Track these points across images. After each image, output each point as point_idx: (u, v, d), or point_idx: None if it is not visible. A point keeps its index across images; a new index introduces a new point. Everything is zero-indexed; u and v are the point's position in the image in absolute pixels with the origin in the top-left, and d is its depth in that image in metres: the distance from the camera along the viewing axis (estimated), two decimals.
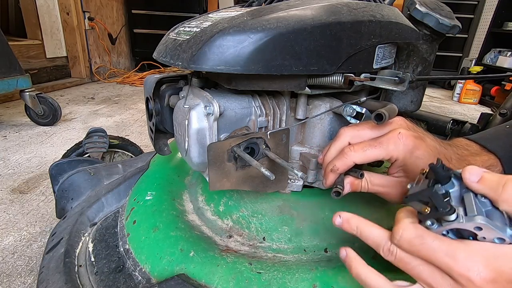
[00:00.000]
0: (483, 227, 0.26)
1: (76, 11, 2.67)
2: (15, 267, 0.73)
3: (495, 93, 2.80)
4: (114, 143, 0.98)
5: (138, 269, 0.47)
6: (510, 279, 0.24)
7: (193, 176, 0.65)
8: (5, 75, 1.53)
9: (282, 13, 0.38)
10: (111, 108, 2.12)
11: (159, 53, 0.45)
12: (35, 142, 1.49)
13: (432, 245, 0.27)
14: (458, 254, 0.26)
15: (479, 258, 0.25)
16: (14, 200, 1.00)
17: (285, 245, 0.48)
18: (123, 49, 3.49)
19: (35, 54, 2.51)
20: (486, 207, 0.27)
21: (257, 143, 0.43)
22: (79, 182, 0.70)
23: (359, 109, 0.44)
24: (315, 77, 0.44)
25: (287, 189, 0.54)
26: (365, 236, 0.33)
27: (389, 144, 0.37)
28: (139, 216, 0.55)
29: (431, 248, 0.27)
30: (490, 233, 0.26)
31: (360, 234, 0.34)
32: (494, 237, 0.26)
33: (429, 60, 0.59)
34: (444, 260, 0.26)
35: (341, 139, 0.41)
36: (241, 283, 0.40)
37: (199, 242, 0.47)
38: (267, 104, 0.47)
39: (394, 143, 0.37)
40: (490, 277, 0.25)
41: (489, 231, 0.26)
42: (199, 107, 0.41)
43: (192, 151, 0.43)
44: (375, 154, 0.37)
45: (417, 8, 0.54)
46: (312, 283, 0.40)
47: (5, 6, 2.88)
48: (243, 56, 0.36)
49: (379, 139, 0.38)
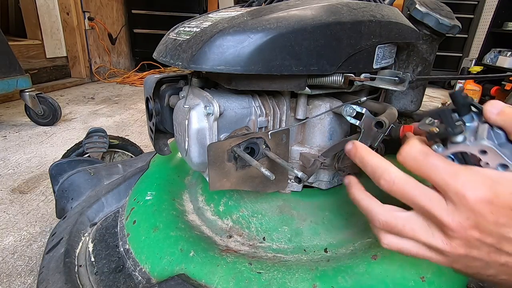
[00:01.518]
0: (488, 151, 0.26)
1: (76, 11, 2.67)
2: (15, 267, 0.73)
3: (495, 93, 2.80)
4: (114, 143, 0.98)
5: (138, 269, 0.47)
6: (507, 204, 0.24)
7: (193, 176, 0.65)
8: (5, 75, 1.53)
9: (282, 13, 0.38)
10: (111, 108, 2.12)
11: (159, 53, 0.45)
12: (35, 142, 1.49)
13: (435, 162, 0.27)
14: (459, 172, 0.26)
15: (478, 179, 0.25)
16: (14, 200, 1.00)
17: (285, 245, 0.48)
18: (123, 49, 3.49)
19: (35, 54, 2.51)
20: (500, 139, 0.27)
21: (257, 143, 0.43)
22: (79, 182, 0.70)
23: (359, 109, 0.44)
24: (315, 77, 0.44)
25: (287, 189, 0.54)
26: (365, 164, 0.32)
27: None
28: (139, 216, 0.55)
29: (434, 165, 0.27)
30: (494, 158, 0.26)
31: (362, 160, 0.32)
32: (498, 164, 0.26)
33: (429, 60, 0.59)
34: (443, 177, 0.26)
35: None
36: (241, 283, 0.40)
37: (199, 242, 0.47)
38: (267, 104, 0.47)
39: None
40: (486, 197, 0.25)
41: (493, 156, 0.26)
42: (199, 107, 0.41)
43: (192, 151, 0.43)
44: None
45: (417, 8, 0.54)
46: (312, 283, 0.40)
47: (5, 6, 2.88)
48: (243, 56, 0.36)
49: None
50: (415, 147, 0.29)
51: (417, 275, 0.40)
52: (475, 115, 0.28)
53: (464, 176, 0.25)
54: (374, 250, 0.44)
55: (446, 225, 0.26)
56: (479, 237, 0.26)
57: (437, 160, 0.27)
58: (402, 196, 0.29)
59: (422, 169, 0.28)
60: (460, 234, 0.26)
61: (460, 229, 0.26)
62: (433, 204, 0.27)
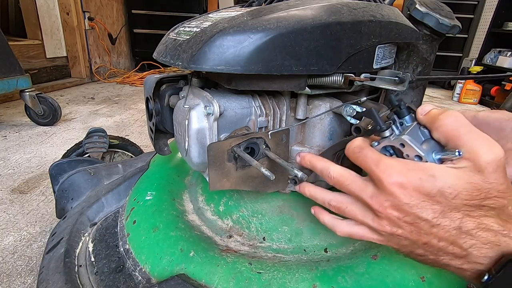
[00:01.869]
0: (405, 144, 0.31)
1: (76, 11, 2.67)
2: (15, 267, 0.73)
3: (495, 93, 2.80)
4: (114, 143, 0.98)
5: (138, 269, 0.47)
6: (417, 187, 0.28)
7: (193, 176, 0.65)
8: (5, 75, 1.53)
9: (282, 13, 0.38)
10: (111, 108, 2.12)
11: (159, 53, 0.45)
12: (35, 142, 1.49)
13: (366, 153, 0.32)
14: (380, 161, 0.31)
15: (395, 166, 0.30)
16: (14, 200, 1.00)
17: (285, 245, 0.48)
18: (123, 49, 3.49)
19: (35, 54, 2.51)
20: (425, 136, 0.32)
21: (257, 143, 0.43)
22: (79, 182, 0.70)
23: (359, 109, 0.44)
24: (315, 77, 0.44)
25: (287, 189, 0.54)
26: (314, 166, 0.38)
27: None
28: (139, 216, 0.55)
29: (365, 155, 0.32)
30: (410, 150, 0.31)
31: (311, 165, 0.39)
32: (414, 155, 0.31)
33: (429, 60, 0.59)
34: (369, 165, 0.31)
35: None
36: (241, 283, 0.40)
37: (199, 242, 0.47)
38: (267, 104, 0.47)
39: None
40: (398, 181, 0.29)
41: (409, 148, 0.31)
42: (199, 107, 0.41)
43: (192, 151, 0.43)
44: None
45: (417, 8, 0.54)
46: (312, 283, 0.40)
47: (5, 6, 2.88)
48: (243, 56, 0.36)
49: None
50: (354, 143, 0.34)
51: (417, 275, 0.40)
52: (415, 116, 0.33)
53: (384, 164, 0.30)
54: (374, 250, 0.44)
55: (371, 205, 0.32)
56: (398, 216, 0.30)
57: (367, 152, 0.32)
58: (340, 187, 0.35)
59: (358, 160, 0.33)
60: (384, 214, 0.31)
61: (381, 209, 0.31)
62: (361, 189, 0.33)
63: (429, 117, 0.31)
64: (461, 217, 0.29)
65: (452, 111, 0.30)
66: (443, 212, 0.29)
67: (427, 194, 0.28)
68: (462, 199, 0.28)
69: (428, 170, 0.29)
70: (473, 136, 0.28)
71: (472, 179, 0.27)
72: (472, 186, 0.27)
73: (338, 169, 0.35)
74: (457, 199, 0.28)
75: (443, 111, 0.31)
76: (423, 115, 0.32)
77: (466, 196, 0.28)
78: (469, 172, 0.28)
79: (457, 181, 0.28)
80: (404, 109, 0.33)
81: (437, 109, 0.32)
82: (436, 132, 0.31)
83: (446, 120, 0.30)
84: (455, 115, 0.30)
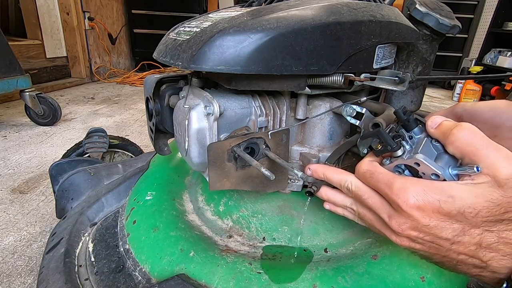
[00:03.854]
0: (420, 164, 0.30)
1: (76, 11, 2.67)
2: (15, 267, 0.73)
3: (495, 93, 2.80)
4: (114, 143, 0.98)
5: (138, 269, 0.47)
6: (436, 209, 0.28)
7: (193, 176, 0.65)
8: (5, 75, 1.53)
9: (282, 13, 0.38)
10: (111, 108, 2.12)
11: (159, 53, 0.45)
12: (35, 142, 1.49)
13: (378, 176, 0.32)
14: (394, 184, 0.30)
15: (409, 188, 0.29)
16: (14, 200, 1.00)
17: (285, 245, 0.48)
18: (123, 49, 3.49)
19: (35, 54, 2.51)
20: (438, 150, 0.31)
21: (257, 143, 0.43)
22: (79, 182, 0.70)
23: (359, 109, 0.44)
24: (315, 77, 0.44)
25: (287, 189, 0.54)
26: (330, 179, 0.38)
27: None
28: (139, 216, 0.55)
29: (377, 179, 0.32)
30: (426, 169, 0.30)
31: (326, 178, 0.38)
32: (430, 173, 0.30)
33: (429, 60, 0.59)
34: (383, 188, 0.31)
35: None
36: (241, 283, 0.40)
37: (199, 242, 0.47)
38: (267, 104, 0.47)
39: None
40: (415, 204, 0.28)
41: (425, 167, 0.30)
42: (199, 107, 0.41)
43: (192, 151, 0.43)
44: None
45: (417, 8, 0.54)
46: (312, 283, 0.40)
47: (5, 6, 2.88)
48: (243, 56, 0.36)
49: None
50: (363, 166, 0.34)
51: (417, 275, 0.40)
52: (423, 127, 0.32)
53: (398, 188, 0.29)
54: (374, 250, 0.44)
55: (389, 225, 0.31)
56: (417, 235, 0.30)
57: (379, 176, 0.32)
58: (358, 200, 0.35)
59: (370, 184, 0.33)
60: (402, 234, 0.31)
61: (400, 230, 0.30)
62: (378, 207, 0.32)
63: (441, 131, 0.30)
64: (481, 233, 0.28)
65: (465, 124, 0.29)
66: (463, 230, 0.28)
67: (447, 214, 0.28)
68: (482, 217, 0.27)
69: (446, 190, 0.28)
70: (490, 150, 0.27)
71: (492, 195, 0.27)
72: (492, 202, 0.27)
73: (356, 182, 0.35)
74: (477, 217, 0.27)
75: (455, 125, 0.30)
76: (434, 128, 0.31)
77: (486, 213, 0.27)
78: (488, 188, 0.27)
79: (476, 199, 0.27)
80: (413, 122, 0.32)
81: (448, 121, 0.31)
82: (451, 147, 0.30)
83: (460, 134, 0.29)
84: (469, 129, 0.29)
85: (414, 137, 0.33)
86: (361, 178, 0.34)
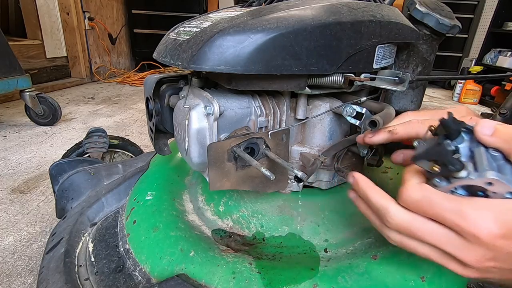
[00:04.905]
0: (494, 182, 0.25)
1: (76, 11, 2.67)
2: (15, 267, 0.73)
3: (495, 93, 2.80)
4: (114, 143, 0.98)
5: (138, 269, 0.47)
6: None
7: (193, 176, 0.65)
8: (5, 75, 1.53)
9: (282, 13, 0.38)
10: (111, 108, 2.12)
11: (159, 53, 0.45)
12: (35, 142, 1.49)
13: (440, 204, 0.26)
14: (466, 211, 0.25)
15: (488, 214, 0.24)
16: (14, 200, 1.00)
17: (285, 245, 0.48)
18: (123, 49, 3.49)
19: (35, 54, 2.51)
20: (498, 161, 0.26)
21: (257, 143, 0.43)
22: (79, 182, 0.70)
23: (359, 109, 0.44)
24: (315, 77, 0.44)
25: (287, 189, 0.54)
26: (368, 199, 0.32)
27: None
28: (139, 216, 0.55)
29: (439, 207, 0.26)
30: (501, 187, 0.25)
31: (365, 195, 0.32)
32: (506, 192, 0.25)
33: (429, 60, 0.59)
34: (452, 218, 0.26)
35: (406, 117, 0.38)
36: (241, 283, 0.40)
37: (199, 242, 0.47)
38: (267, 104, 0.47)
39: None
40: (499, 233, 0.24)
41: (500, 186, 0.25)
42: (199, 107, 0.41)
43: (192, 151, 0.43)
44: None
45: (417, 8, 0.54)
46: (312, 283, 0.40)
47: (5, 6, 2.88)
48: (243, 56, 0.36)
49: None
50: (415, 192, 0.28)
51: (417, 275, 0.40)
52: (464, 134, 0.28)
53: (472, 215, 0.25)
54: (374, 250, 0.44)
55: (462, 260, 0.26)
56: (495, 265, 0.26)
57: (441, 201, 0.26)
58: (409, 236, 0.29)
59: (429, 213, 0.27)
60: (478, 266, 0.26)
61: (476, 263, 0.26)
62: (443, 243, 0.27)
63: (502, 138, 0.26)
64: None
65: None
66: None
67: None
68: None
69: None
70: None
71: None
72: None
73: (403, 217, 0.29)
74: None
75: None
76: (491, 135, 0.26)
77: None
78: None
79: None
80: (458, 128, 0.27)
81: (502, 125, 0.26)
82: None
83: None
84: None
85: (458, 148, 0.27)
86: (412, 208, 0.28)
